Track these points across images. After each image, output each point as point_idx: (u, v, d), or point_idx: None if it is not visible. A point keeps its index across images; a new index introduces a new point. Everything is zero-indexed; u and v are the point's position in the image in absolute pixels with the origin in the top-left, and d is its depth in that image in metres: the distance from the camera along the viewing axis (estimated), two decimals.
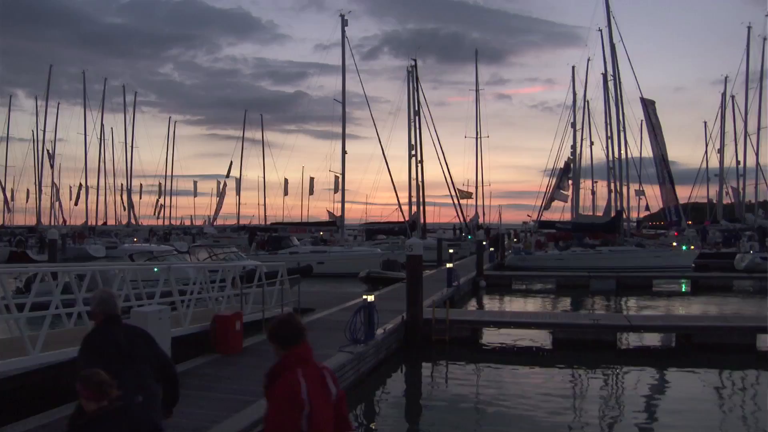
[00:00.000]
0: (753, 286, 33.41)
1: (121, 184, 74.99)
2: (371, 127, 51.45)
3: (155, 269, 17.10)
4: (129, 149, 72.87)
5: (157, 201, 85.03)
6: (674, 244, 42.65)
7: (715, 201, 66.79)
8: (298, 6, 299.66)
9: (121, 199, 75.82)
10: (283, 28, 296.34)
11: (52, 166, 67.93)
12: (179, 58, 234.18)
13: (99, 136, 69.81)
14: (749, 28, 55.58)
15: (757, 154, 54.59)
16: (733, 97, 61.09)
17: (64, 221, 69.25)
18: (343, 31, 44.06)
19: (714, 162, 64.93)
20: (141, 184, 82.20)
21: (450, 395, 12.99)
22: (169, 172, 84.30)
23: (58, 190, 69.56)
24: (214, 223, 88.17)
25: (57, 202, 69.00)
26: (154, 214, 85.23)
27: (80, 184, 70.79)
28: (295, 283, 18.67)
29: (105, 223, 75.63)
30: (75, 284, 11.80)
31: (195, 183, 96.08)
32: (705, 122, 71.02)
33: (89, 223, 70.54)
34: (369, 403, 12.34)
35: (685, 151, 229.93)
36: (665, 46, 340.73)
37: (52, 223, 64.67)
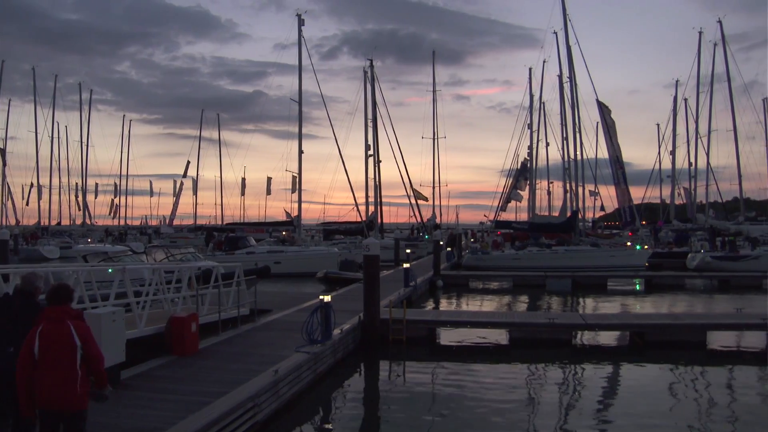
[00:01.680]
0: (704, 284, 34.18)
1: (76, 184, 73.79)
2: (329, 127, 51.53)
3: (110, 270, 16.87)
4: (84, 148, 71.70)
5: (113, 201, 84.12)
6: (628, 243, 43.38)
7: (667, 201, 68.10)
8: (258, 5, 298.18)
9: (76, 198, 74.62)
10: (242, 27, 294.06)
11: (4, 164, 66.44)
12: (136, 56, 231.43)
13: (51, 134, 68.72)
14: (701, 33, 56.80)
15: (707, 156, 55.73)
16: (685, 100, 62.32)
17: (17, 221, 67.92)
18: (300, 31, 43.95)
19: (667, 163, 66.38)
20: (96, 184, 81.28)
21: (407, 394, 13.02)
22: (124, 172, 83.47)
23: (9, 189, 68.23)
24: (171, 223, 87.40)
25: (9, 202, 67.60)
26: (110, 214, 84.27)
27: (32, 183, 69.61)
28: (252, 284, 18.57)
29: (59, 224, 74.30)
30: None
31: (151, 183, 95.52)
32: (658, 124, 72.71)
33: (42, 224, 69.35)
34: (326, 404, 12.31)
35: (639, 152, 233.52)
36: (620, 50, 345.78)
37: (4, 224, 63.29)
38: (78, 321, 6.13)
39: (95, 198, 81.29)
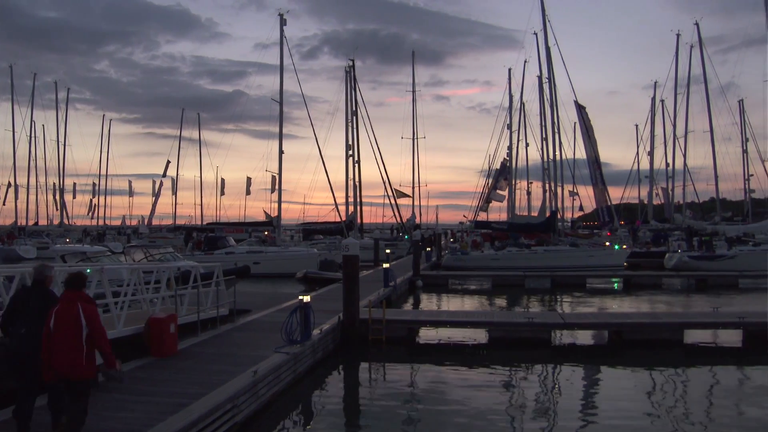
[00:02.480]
0: (681, 283, 34.46)
1: (53, 183, 73.00)
2: (309, 127, 51.38)
3: (88, 270, 16.73)
4: (61, 147, 71.03)
5: (91, 201, 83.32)
6: (607, 243, 43.63)
7: (645, 202, 68.66)
8: (238, 4, 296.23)
9: (53, 198, 73.87)
10: (222, 27, 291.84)
11: None
12: (116, 54, 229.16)
13: (29, 133, 68.09)
14: (678, 35, 57.25)
15: (684, 157, 56.26)
16: (663, 101, 62.94)
17: None
18: (282, 31, 43.79)
19: (645, 164, 66.95)
20: (74, 183, 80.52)
21: (387, 394, 13.02)
22: (103, 171, 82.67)
23: None
24: (149, 223, 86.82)
25: None
26: (88, 214, 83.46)
27: (9, 183, 68.90)
28: (231, 284, 18.50)
29: (36, 223, 73.62)
30: (3, 286, 11.49)
31: (130, 182, 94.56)
32: (636, 125, 73.34)
33: (19, 223, 68.68)
34: (306, 404, 12.28)
35: (618, 153, 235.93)
36: (600, 51, 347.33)
37: None
38: (87, 304, 7.36)
39: (73, 198, 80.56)
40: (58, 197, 72.69)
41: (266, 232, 48.95)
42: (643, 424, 10.92)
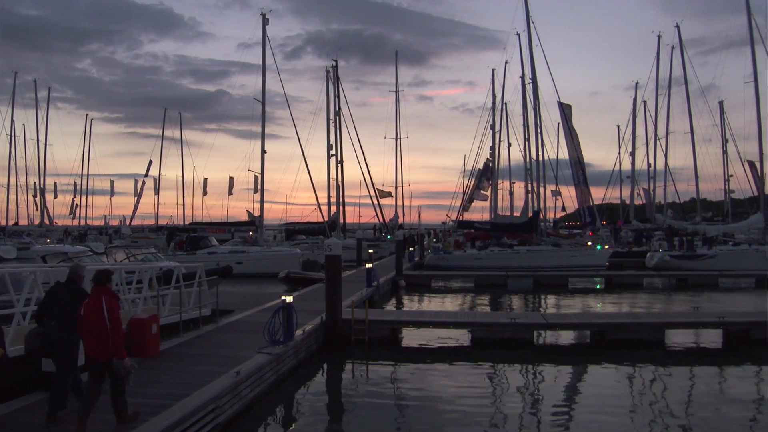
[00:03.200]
0: (662, 283, 34.72)
1: (34, 183, 72.43)
2: (292, 127, 51.28)
3: None
4: (42, 147, 70.46)
5: (73, 200, 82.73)
6: (589, 243, 43.85)
7: (627, 202, 69.11)
8: (221, 4, 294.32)
9: (34, 198, 73.30)
10: (205, 26, 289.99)
11: None
12: (98, 53, 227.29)
13: (9, 133, 67.55)
14: (659, 37, 57.76)
15: (666, 157, 56.70)
16: (644, 102, 63.35)
17: None
18: (264, 31, 43.65)
19: (627, 164, 67.40)
20: (55, 183, 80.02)
21: (370, 394, 13.00)
22: (85, 171, 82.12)
23: None
24: (131, 223, 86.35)
25: None
26: (70, 214, 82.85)
27: None
28: (213, 284, 18.43)
29: (16, 223, 73.14)
30: None
31: (112, 182, 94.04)
32: (618, 126, 73.76)
33: None
34: (289, 405, 12.25)
35: (600, 153, 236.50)
36: (582, 52, 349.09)
37: None
38: (110, 298, 8.35)
39: (54, 198, 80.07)
40: (38, 197, 72.18)
41: (251, 233, 48.81)
42: (625, 425, 10.97)
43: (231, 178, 72.99)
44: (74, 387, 8.88)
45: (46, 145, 70.70)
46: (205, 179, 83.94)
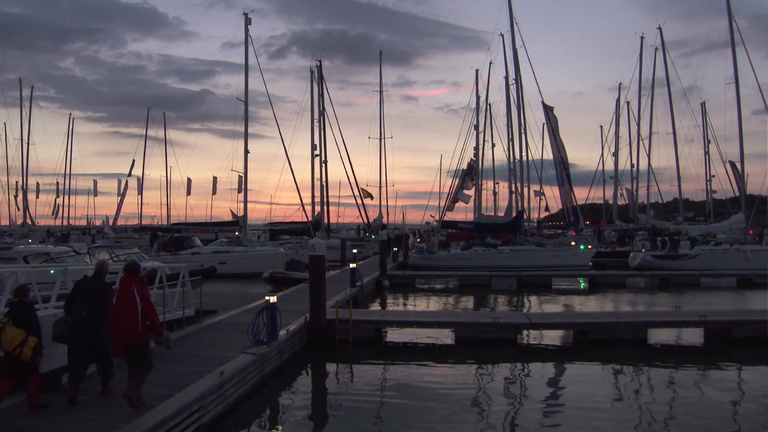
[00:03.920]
0: (645, 283, 34.96)
1: (16, 182, 71.68)
2: (276, 127, 50.90)
3: (51, 271, 16.49)
4: (25, 146, 69.77)
5: (55, 200, 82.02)
6: (572, 243, 43.94)
7: (610, 202, 69.42)
8: (206, 3, 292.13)
9: (15, 198, 72.60)
10: (190, 25, 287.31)
11: None
12: (81, 52, 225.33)
13: None
14: (642, 38, 58.09)
15: (649, 158, 56.89)
16: (627, 103, 63.54)
17: None
18: (247, 30, 43.49)
19: (610, 165, 67.81)
20: (38, 183, 79.12)
21: (354, 394, 13.02)
22: (68, 171, 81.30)
23: None
24: (114, 223, 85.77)
25: None
26: (52, 214, 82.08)
27: None
28: (197, 285, 18.36)
29: None
30: None
31: (95, 182, 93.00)
32: (601, 126, 74.14)
33: None
34: (273, 405, 12.24)
35: (584, 153, 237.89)
36: (566, 53, 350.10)
37: None
38: (140, 286, 9.31)
39: (36, 197, 79.20)
40: (20, 197, 71.54)
41: (237, 233, 48.70)
42: (609, 423, 11.04)
43: (215, 178, 72.56)
44: (106, 371, 9.83)
45: (29, 144, 70.03)
46: (189, 179, 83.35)
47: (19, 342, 8.76)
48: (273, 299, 14.37)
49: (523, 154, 46.84)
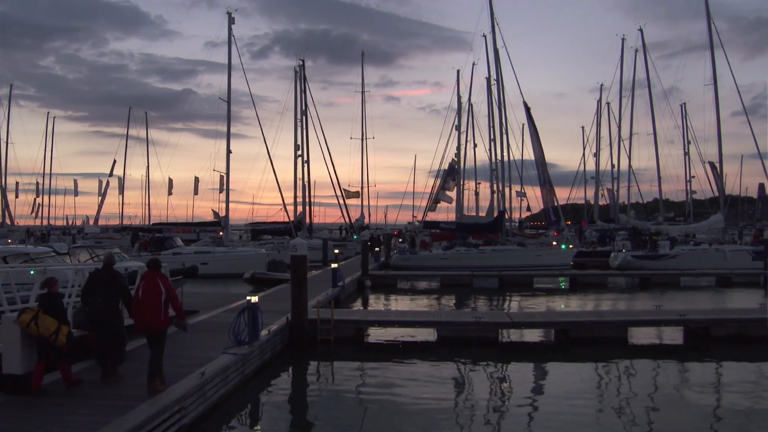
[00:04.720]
0: (625, 282, 35.19)
1: None
2: (259, 127, 50.86)
3: (31, 272, 16.36)
4: (3, 145, 69.12)
5: (35, 200, 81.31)
6: (554, 243, 44.15)
7: (591, 202, 69.77)
8: (188, 2, 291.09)
9: None
10: (172, 24, 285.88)
11: None
12: (62, 50, 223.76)
13: None
14: (623, 39, 58.42)
15: (629, 158, 57.16)
16: (608, 104, 63.85)
17: None
18: (230, 29, 43.30)
19: (591, 165, 68.14)
20: (17, 182, 78.42)
21: (336, 394, 13.02)
22: (48, 170, 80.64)
23: None
24: (94, 223, 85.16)
25: None
26: (32, 213, 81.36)
27: None
28: (178, 285, 18.27)
29: None
30: None
31: (75, 182, 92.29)
32: (583, 127, 74.44)
33: None
34: (254, 405, 12.22)
35: (565, 154, 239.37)
36: (548, 54, 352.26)
37: None
38: (164, 278, 10.47)
39: (16, 197, 78.49)
40: None
41: (220, 233, 48.49)
42: (589, 421, 11.10)
43: (196, 178, 72.12)
44: (117, 354, 11.09)
45: (8, 143, 69.41)
46: (170, 179, 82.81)
47: (54, 329, 9.90)
48: (254, 299, 14.35)
49: (505, 154, 47.09)
